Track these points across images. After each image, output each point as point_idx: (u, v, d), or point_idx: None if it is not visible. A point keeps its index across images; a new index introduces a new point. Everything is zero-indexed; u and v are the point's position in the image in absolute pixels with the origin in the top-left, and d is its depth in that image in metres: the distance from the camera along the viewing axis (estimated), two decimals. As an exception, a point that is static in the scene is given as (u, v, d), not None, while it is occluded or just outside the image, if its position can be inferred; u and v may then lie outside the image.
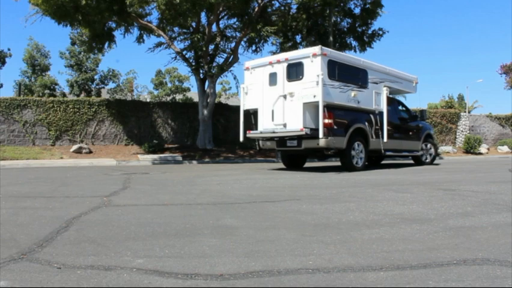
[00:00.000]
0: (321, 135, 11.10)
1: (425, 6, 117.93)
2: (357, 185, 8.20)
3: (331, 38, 21.61)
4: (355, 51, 23.20)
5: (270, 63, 12.40)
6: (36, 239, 3.71)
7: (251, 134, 12.86)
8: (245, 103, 13.10)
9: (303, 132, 11.22)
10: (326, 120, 11.29)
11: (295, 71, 11.80)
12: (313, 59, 11.31)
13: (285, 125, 11.88)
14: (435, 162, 17.05)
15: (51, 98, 23.02)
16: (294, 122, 11.66)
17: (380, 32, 22.65)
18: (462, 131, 28.28)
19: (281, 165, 15.32)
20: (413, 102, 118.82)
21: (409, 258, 3.13)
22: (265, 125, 12.45)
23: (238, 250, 3.35)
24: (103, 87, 38.79)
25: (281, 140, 12.32)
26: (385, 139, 13.53)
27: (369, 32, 22.80)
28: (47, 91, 35.88)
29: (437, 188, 7.55)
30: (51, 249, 3.38)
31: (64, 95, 36.35)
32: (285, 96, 11.89)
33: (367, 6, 21.91)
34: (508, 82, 39.77)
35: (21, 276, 2.74)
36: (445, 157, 23.44)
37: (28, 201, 6.03)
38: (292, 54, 12.23)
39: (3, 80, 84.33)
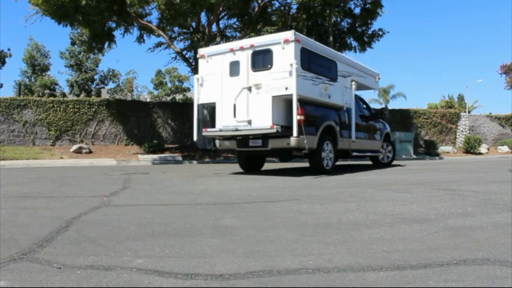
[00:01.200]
0: (295, 133, 9.65)
1: (425, 6, 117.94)
2: (357, 185, 8.20)
3: (331, 38, 21.61)
4: (355, 51, 23.24)
5: (232, 50, 10.70)
6: (36, 239, 3.70)
7: (208, 132, 11.13)
8: (200, 96, 11.35)
9: (274, 130, 9.68)
10: (299, 117, 9.77)
11: (262, 60, 10.26)
12: (285, 45, 9.82)
13: (249, 122, 10.28)
14: (393, 163, 16.12)
15: (51, 98, 23.02)
16: (261, 119, 10.07)
17: (380, 33, 22.67)
18: (462, 131, 28.28)
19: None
20: (413, 102, 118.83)
21: (409, 258, 3.13)
22: (225, 121, 10.71)
23: (238, 250, 3.35)
24: (103, 87, 38.83)
25: (243, 140, 10.76)
26: (353, 138, 12.70)
27: (369, 32, 22.80)
28: (47, 91, 35.90)
29: (437, 188, 7.55)
30: (51, 249, 3.38)
31: (64, 95, 36.39)
32: (249, 89, 10.29)
33: (367, 6, 21.92)
34: (508, 82, 39.78)
35: (21, 276, 2.74)
36: (445, 157, 23.45)
37: (28, 201, 6.03)
38: (259, 40, 10.60)
39: (3, 80, 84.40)
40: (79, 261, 3.03)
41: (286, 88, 9.75)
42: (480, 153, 25.87)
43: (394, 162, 16.49)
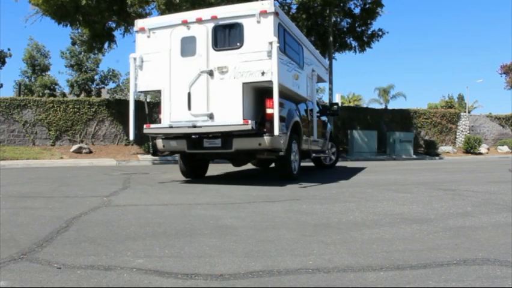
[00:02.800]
0: (276, 131, 7.56)
1: (425, 6, 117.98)
2: (357, 185, 8.20)
3: (331, 38, 21.62)
4: (355, 51, 23.23)
5: (185, 23, 8.30)
6: (36, 239, 3.71)
7: (152, 129, 8.57)
8: (138, 82, 8.67)
9: (248, 127, 7.58)
10: (271, 111, 7.83)
11: (228, 36, 8.08)
12: (261, 18, 7.77)
13: (211, 116, 7.99)
14: (337, 164, 14.36)
15: (51, 98, 23.01)
16: (227, 112, 7.89)
17: (380, 33, 22.67)
18: (462, 131, 28.28)
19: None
20: (413, 102, 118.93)
21: (409, 258, 3.13)
22: (175, 115, 8.27)
23: (238, 250, 3.35)
24: (103, 87, 38.85)
25: (197, 139, 8.36)
26: (315, 137, 11.23)
27: (369, 32, 22.81)
28: (47, 91, 35.91)
29: (437, 188, 7.55)
30: (51, 249, 3.38)
31: (64, 95, 36.40)
32: (210, 73, 8.02)
33: (367, 6, 21.92)
34: (508, 82, 39.76)
35: (21, 276, 2.74)
36: (445, 157, 23.45)
37: (28, 201, 6.04)
38: (225, 11, 8.20)
39: (3, 80, 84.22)
40: (79, 261, 3.03)
41: (263, 73, 7.65)
42: (480, 153, 25.87)
43: (340, 164, 15.45)
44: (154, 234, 3.89)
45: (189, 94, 8.12)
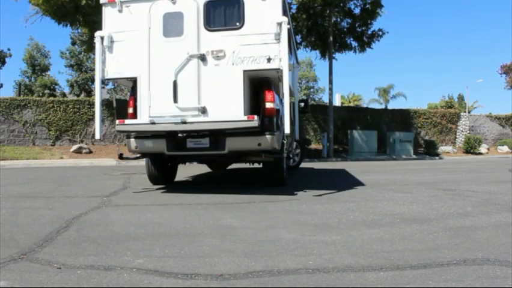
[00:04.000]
0: (287, 129, 6.48)
1: (425, 6, 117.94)
2: (357, 185, 8.20)
3: (331, 38, 21.61)
4: (355, 51, 23.21)
5: None
6: (36, 239, 3.71)
7: (128, 125, 6.83)
8: (107, 67, 6.99)
9: (255, 124, 6.34)
10: (271, 105, 6.81)
11: (224, 14, 6.81)
12: None
13: (203, 111, 6.61)
14: (300, 166, 13.22)
15: (51, 98, 23.03)
16: (224, 105, 6.58)
17: (380, 33, 22.64)
18: (462, 131, 28.27)
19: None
20: (413, 102, 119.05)
21: (409, 258, 3.13)
22: (157, 108, 6.75)
23: (238, 250, 3.35)
24: (103, 87, 38.78)
25: (179, 139, 6.89)
26: (297, 137, 10.50)
27: (369, 32, 22.79)
28: (47, 91, 35.93)
29: (437, 188, 7.55)
30: (51, 249, 3.39)
31: (64, 95, 36.41)
32: (202, 58, 6.68)
33: (367, 6, 21.89)
34: (508, 82, 39.75)
35: (21, 276, 2.74)
36: (445, 157, 23.45)
37: (28, 201, 6.04)
38: None
39: (3, 80, 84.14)
40: (79, 261, 3.03)
41: (269, 59, 6.45)
42: (480, 153, 25.86)
43: (304, 165, 14.62)
44: (154, 234, 3.90)
45: (175, 83, 6.60)
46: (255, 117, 6.34)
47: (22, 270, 2.86)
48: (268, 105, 6.76)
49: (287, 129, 6.47)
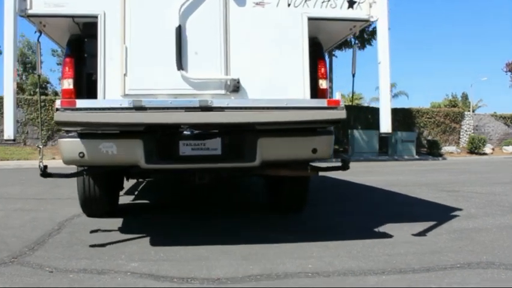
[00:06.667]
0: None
1: (428, 3, 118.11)
2: (357, 186, 8.20)
3: (331, 35, 21.63)
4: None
5: None
6: (28, 241, 3.70)
7: (84, 112, 3.56)
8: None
9: (342, 115, 3.94)
10: (325, 84, 4.55)
11: None
12: None
13: (235, 87, 3.94)
14: None
15: (43, 97, 22.97)
16: (272, 79, 4.09)
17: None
18: (466, 130, 28.28)
19: None
20: (415, 101, 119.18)
21: (411, 261, 3.13)
22: (142, 79, 3.88)
23: (236, 253, 3.35)
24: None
25: (167, 140, 3.99)
26: None
27: (370, 29, 22.79)
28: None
29: (441, 189, 7.56)
30: (43, 252, 3.38)
31: (56, 93, 36.28)
32: None
33: (368, 2, 21.92)
34: (513, 80, 39.80)
35: (12, 280, 2.73)
36: (448, 158, 23.47)
37: (19, 203, 6.03)
38: None
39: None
40: (72, 265, 3.03)
41: (352, 2, 4.14)
42: (485, 154, 25.87)
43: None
44: (150, 236, 3.89)
45: (179, 32, 3.89)
46: (341, 101, 4.03)
47: (13, 274, 2.86)
48: (323, 83, 4.50)
49: (386, 126, 4.34)
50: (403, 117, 26.86)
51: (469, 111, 36.69)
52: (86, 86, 4.13)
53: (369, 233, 4.13)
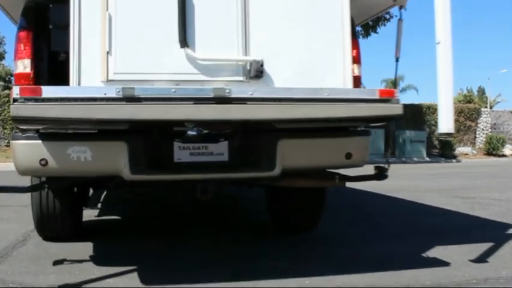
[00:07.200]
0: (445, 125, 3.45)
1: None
2: (362, 192, 8.20)
3: (332, 22, 21.65)
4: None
5: None
6: (-11, 255, 3.68)
7: (53, 104, 2.84)
8: None
9: (398, 110, 3.37)
10: (358, 70, 3.95)
11: None
12: None
13: (257, 72, 3.34)
14: None
15: (7, 91, 22.82)
16: (302, 61, 3.54)
17: (387, 16, 22.69)
18: (483, 129, 28.39)
19: None
20: (426, 96, 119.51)
21: (423, 277, 3.13)
22: (132, 59, 3.26)
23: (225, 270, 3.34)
24: None
25: (157, 142, 3.46)
26: None
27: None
28: (1, 83, 35.59)
29: (454, 195, 7.58)
30: (6, 266, 3.36)
31: (21, 86, 36.10)
32: None
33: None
34: (536, 73, 40.04)
35: (-29, 299, 2.71)
36: (463, 160, 23.56)
37: (-22, 211, 5.98)
38: None
39: None
40: (39, 281, 3.02)
41: None
42: (504, 156, 25.94)
43: None
44: (127, 248, 3.88)
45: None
46: (395, 91, 3.50)
47: (-28, 291, 2.84)
48: (355, 69, 3.89)
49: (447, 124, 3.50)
50: (412, 114, 26.84)
51: (486, 107, 36.83)
52: (49, 69, 3.54)
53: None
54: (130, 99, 2.91)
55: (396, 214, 5.84)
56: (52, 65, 3.46)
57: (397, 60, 3.90)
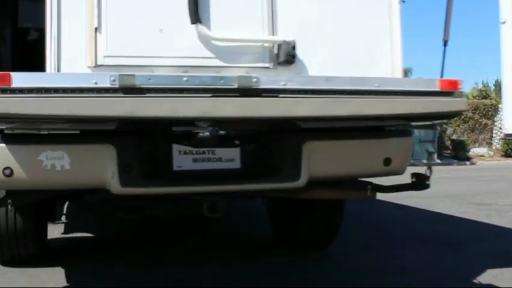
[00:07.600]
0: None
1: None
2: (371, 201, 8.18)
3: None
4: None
5: None
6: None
7: (32, 93, 2.32)
8: None
9: (462, 105, 3.03)
10: None
11: None
12: None
13: (288, 57, 2.90)
14: None
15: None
16: (340, 43, 3.14)
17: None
18: (500, 128, 28.42)
19: None
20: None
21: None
22: (126, 38, 2.80)
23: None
24: None
25: (153, 145, 2.95)
26: None
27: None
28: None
29: (468, 201, 7.56)
30: None
31: None
32: None
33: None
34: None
35: None
36: (478, 162, 23.58)
37: None
38: None
39: None
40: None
41: None
42: (523, 157, 26.04)
43: None
44: (110, 259, 3.84)
45: None
46: (459, 82, 3.09)
47: None
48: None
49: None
50: (421, 112, 26.91)
51: (503, 104, 36.75)
52: (16, 51, 3.15)
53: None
54: (130, 90, 2.44)
55: (405, 222, 5.82)
56: (19, 46, 3.09)
57: (445, 44, 3.48)
